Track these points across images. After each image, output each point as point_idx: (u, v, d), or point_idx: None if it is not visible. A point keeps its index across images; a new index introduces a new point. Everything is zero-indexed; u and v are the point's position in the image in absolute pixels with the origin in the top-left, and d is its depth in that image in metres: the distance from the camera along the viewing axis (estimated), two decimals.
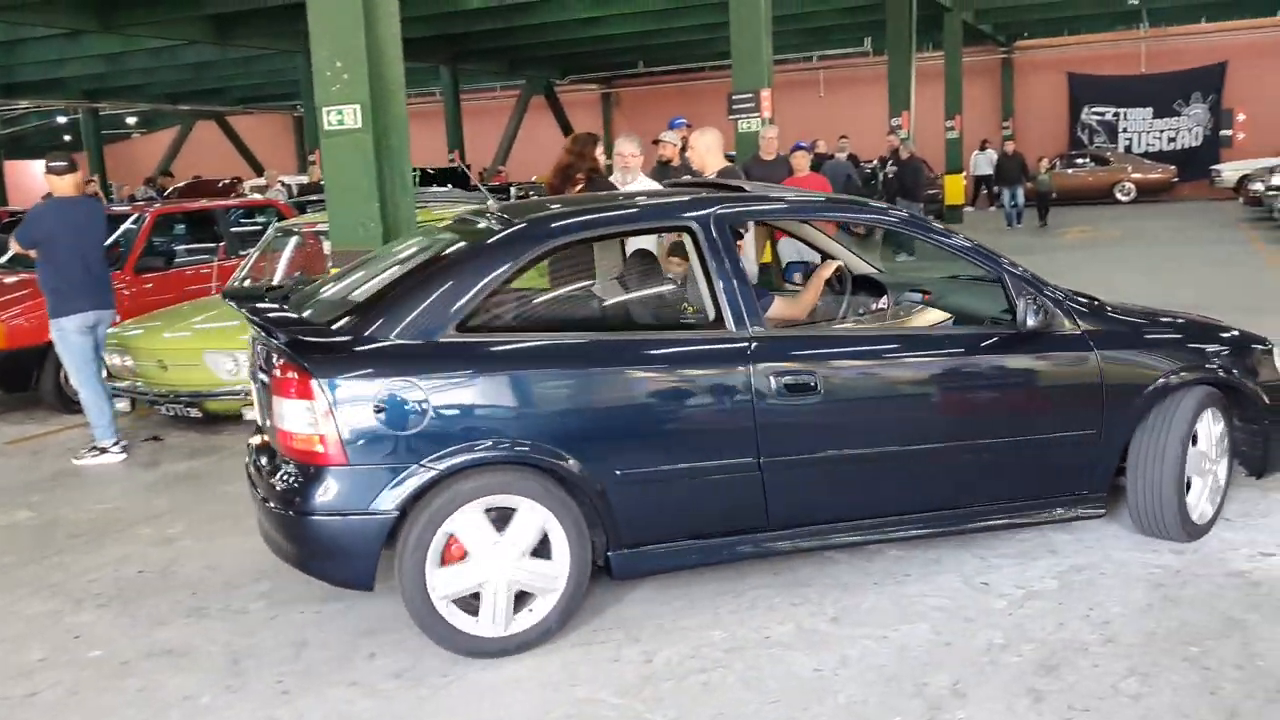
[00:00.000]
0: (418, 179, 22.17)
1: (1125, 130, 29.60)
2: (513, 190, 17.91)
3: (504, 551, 3.66)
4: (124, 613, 4.32)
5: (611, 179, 7.29)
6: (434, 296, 3.70)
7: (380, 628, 4.02)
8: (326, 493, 3.55)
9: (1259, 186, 19.85)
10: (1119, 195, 25.95)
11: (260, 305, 4.24)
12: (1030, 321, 4.10)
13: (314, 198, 12.91)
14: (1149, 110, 29.37)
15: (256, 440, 4.20)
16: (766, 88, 12.17)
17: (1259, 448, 4.70)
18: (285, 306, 4.20)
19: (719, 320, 3.92)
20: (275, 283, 7.93)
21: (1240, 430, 4.67)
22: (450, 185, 18.67)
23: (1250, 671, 3.36)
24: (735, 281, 3.96)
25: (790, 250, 10.21)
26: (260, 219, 11.34)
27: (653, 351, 3.90)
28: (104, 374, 6.92)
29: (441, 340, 3.65)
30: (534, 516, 3.68)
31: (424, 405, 3.55)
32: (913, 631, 3.76)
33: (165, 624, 4.18)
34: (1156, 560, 4.27)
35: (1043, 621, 3.78)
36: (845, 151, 18.53)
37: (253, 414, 6.75)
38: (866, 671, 3.50)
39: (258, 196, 16.39)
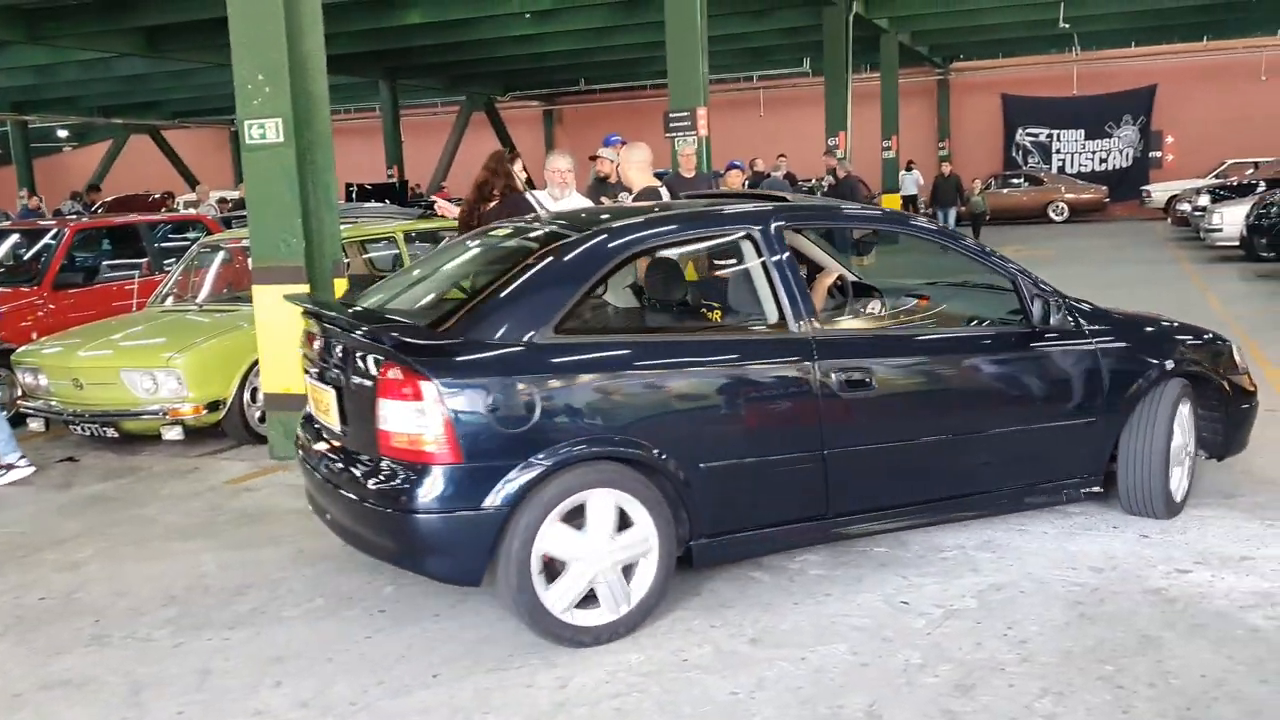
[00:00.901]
0: (354, 194, 22.04)
1: (1058, 151, 30.21)
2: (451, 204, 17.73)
3: (606, 543, 3.82)
4: (21, 642, 4.15)
5: (545, 193, 7.24)
6: (532, 300, 3.88)
7: (289, 654, 3.90)
8: (440, 490, 3.65)
9: (1186, 207, 20.32)
10: (1053, 215, 26.42)
11: (344, 309, 4.40)
12: (1045, 320, 4.56)
13: (243, 213, 12.69)
14: (1081, 132, 30.01)
15: (323, 445, 4.28)
16: (703, 106, 12.19)
17: (1220, 433, 5.18)
18: (362, 311, 4.36)
19: (782, 322, 4.21)
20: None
21: (1203, 418, 5.12)
22: (387, 201, 18.52)
23: (1162, 689, 3.37)
24: (796, 285, 4.27)
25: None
26: (193, 234, 11.14)
27: (729, 350, 4.16)
28: None
29: (541, 342, 3.80)
30: (631, 509, 3.84)
31: (531, 404, 3.71)
32: (831, 652, 3.72)
33: (64, 653, 4.02)
34: (1076, 578, 4.28)
35: (961, 641, 3.76)
36: (782, 170, 18.65)
37: (174, 434, 6.67)
38: (783, 694, 3.45)
39: (193, 211, 16.10)
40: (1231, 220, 16.23)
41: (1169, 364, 4.83)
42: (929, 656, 3.66)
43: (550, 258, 4.04)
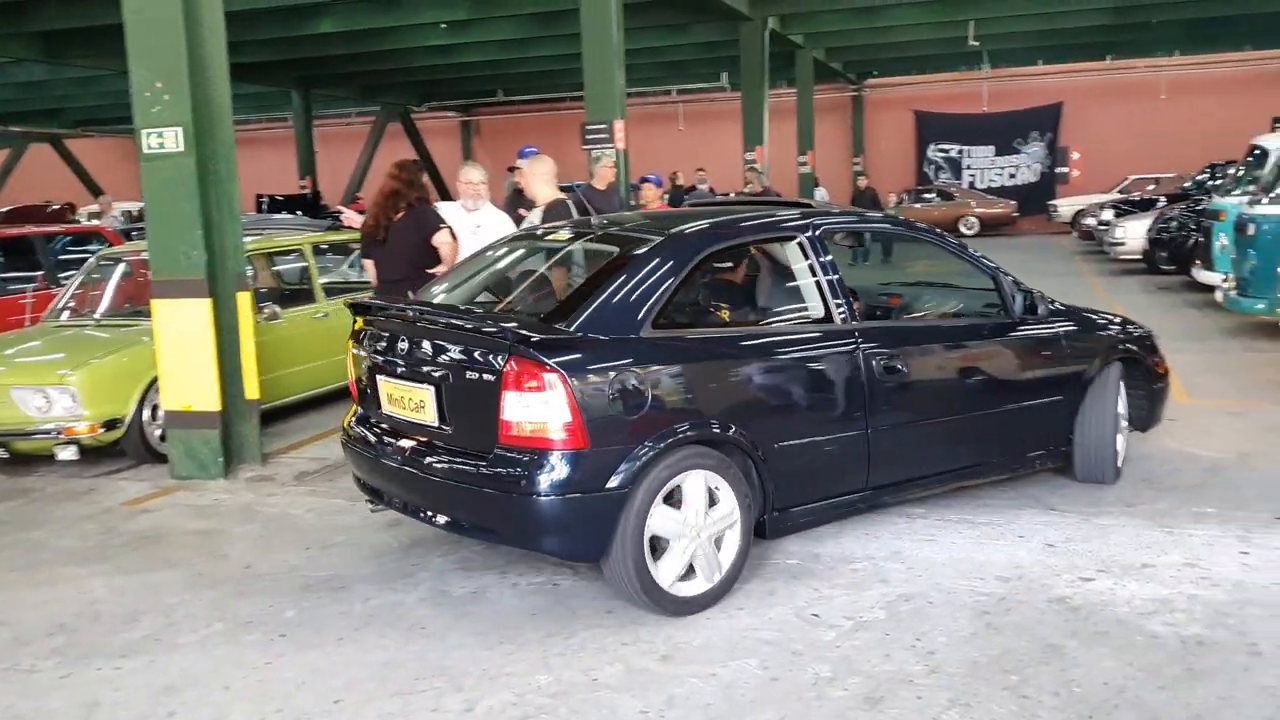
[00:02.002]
0: (264, 206, 21.61)
1: (969, 167, 30.85)
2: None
3: (702, 519, 4.16)
4: None
5: (458, 205, 7.14)
6: (633, 297, 4.20)
7: (184, 683, 3.76)
8: (568, 475, 3.91)
9: (1091, 221, 20.89)
10: (963, 229, 26.96)
11: (440, 308, 4.68)
12: (1022, 312, 5.24)
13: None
14: (991, 148, 30.70)
15: (409, 442, 4.42)
16: (620, 118, 12.19)
17: (1144, 408, 5.90)
18: (463, 309, 4.70)
19: (828, 316, 4.66)
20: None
21: (1132, 395, 5.79)
22: (299, 212, 18.19)
23: (1066, 698, 3.40)
24: (839, 282, 4.73)
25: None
26: (95, 246, 10.80)
27: (793, 342, 4.60)
28: None
29: (645, 336, 4.15)
30: (718, 487, 4.19)
31: (643, 393, 4.04)
32: (742, 667, 3.69)
33: None
34: (983, 588, 4.32)
35: (870, 654, 3.76)
36: (706, 183, 18.76)
37: (68, 454, 6.42)
38: (693, 712, 3.41)
39: (95, 223, 15.64)
40: (1134, 234, 16.72)
41: (1114, 349, 5.56)
42: (839, 670, 3.65)
43: (641, 258, 4.37)
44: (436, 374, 4.26)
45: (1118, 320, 5.88)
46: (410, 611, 4.31)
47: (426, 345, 4.33)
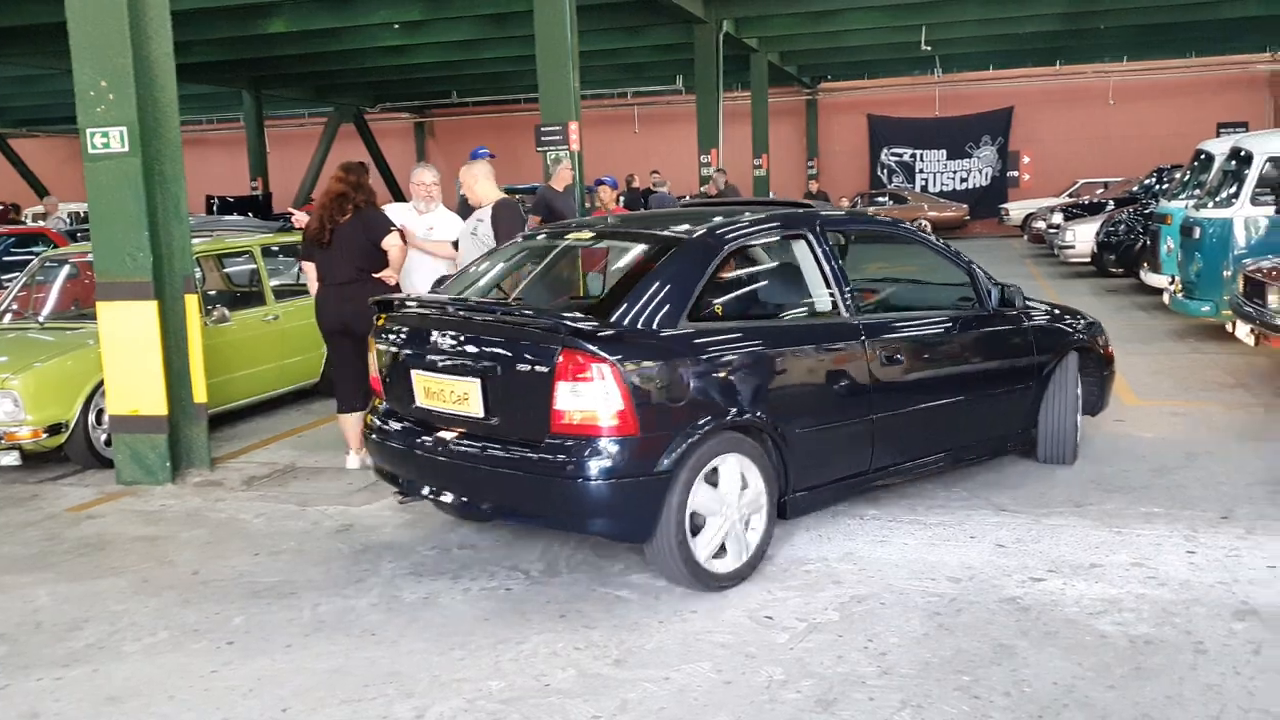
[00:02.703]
0: (215, 207, 21.32)
1: (921, 170, 31.11)
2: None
3: (735, 500, 4.41)
4: None
5: (410, 207, 7.08)
6: (671, 292, 4.42)
7: (127, 693, 3.68)
8: (620, 459, 4.11)
9: (1041, 225, 21.15)
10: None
11: (484, 303, 4.88)
12: (998, 306, 5.62)
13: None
14: (943, 152, 30.98)
15: (449, 434, 4.56)
16: (574, 120, 12.15)
17: (1094, 394, 6.30)
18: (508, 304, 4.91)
19: (835, 309, 4.96)
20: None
21: (1084, 382, 6.13)
22: (250, 214, 17.97)
23: (1016, 698, 3.42)
24: (843, 277, 5.03)
25: (597, 283, 10.25)
26: (40, 247, 10.60)
27: (811, 333, 4.88)
28: None
29: (684, 327, 4.38)
30: (747, 470, 4.43)
31: (686, 381, 4.28)
32: (695, 671, 3.68)
33: None
34: (934, 589, 4.34)
35: (823, 655, 3.76)
36: (665, 186, 18.75)
37: (10, 459, 6.28)
38: (645, 716, 3.39)
39: (40, 224, 15.35)
40: (1083, 237, 16.94)
41: (1072, 338, 6.02)
42: (791, 672, 3.65)
43: (676, 255, 4.61)
44: (483, 367, 4.41)
45: (1071, 312, 6.33)
46: (361, 617, 4.26)
47: (471, 340, 4.48)
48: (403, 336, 4.83)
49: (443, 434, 4.59)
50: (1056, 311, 6.19)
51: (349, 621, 4.21)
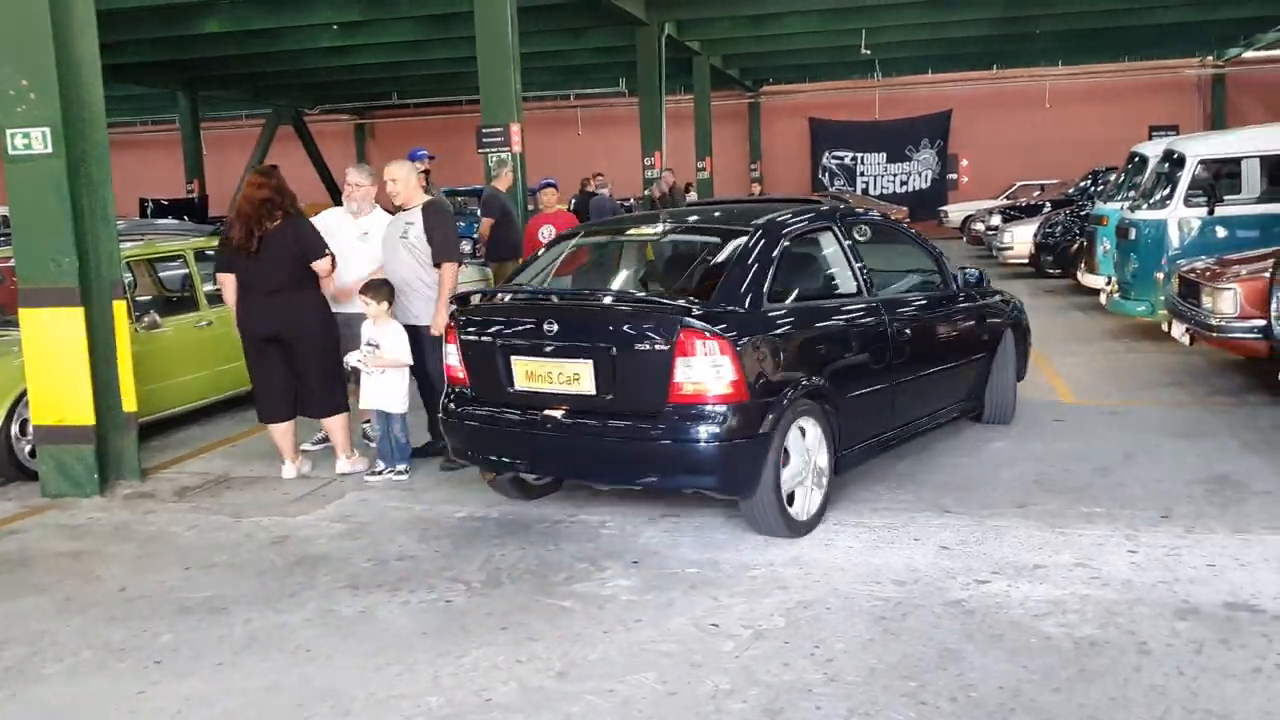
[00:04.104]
0: (149, 210, 20.85)
1: (862, 173, 31.37)
2: None
3: (808, 458, 5.02)
4: None
5: (343, 210, 6.92)
6: (754, 278, 5.03)
7: (46, 718, 3.52)
8: (734, 423, 4.67)
9: (980, 227, 21.41)
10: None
11: (595, 292, 5.43)
12: (969, 287, 6.54)
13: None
14: (883, 155, 31.26)
15: (556, 411, 4.96)
16: (516, 122, 12.05)
17: (1021, 363, 7.23)
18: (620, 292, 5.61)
19: (859, 291, 5.68)
20: None
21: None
22: (185, 217, 17.60)
23: (963, 703, 3.40)
24: (863, 262, 5.76)
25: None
26: None
27: (854, 311, 5.60)
28: None
29: (765, 308, 5.00)
30: (815, 431, 5.05)
31: (778, 353, 4.94)
32: (640, 682, 3.61)
33: None
34: (880, 592, 4.31)
35: (769, 663, 3.71)
36: (606, 188, 18.68)
37: None
38: None
39: None
40: (1021, 239, 17.16)
41: (1010, 314, 7.02)
42: (738, 681, 3.59)
43: (751, 245, 5.18)
44: (597, 348, 4.86)
45: (1007, 293, 7.34)
46: (295, 633, 4.13)
47: (585, 325, 4.98)
48: (499, 326, 5.21)
49: (549, 413, 4.97)
50: (1001, 292, 7.21)
51: (283, 637, 4.09)
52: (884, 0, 18.53)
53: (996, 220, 19.97)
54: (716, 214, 6.22)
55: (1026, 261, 16.78)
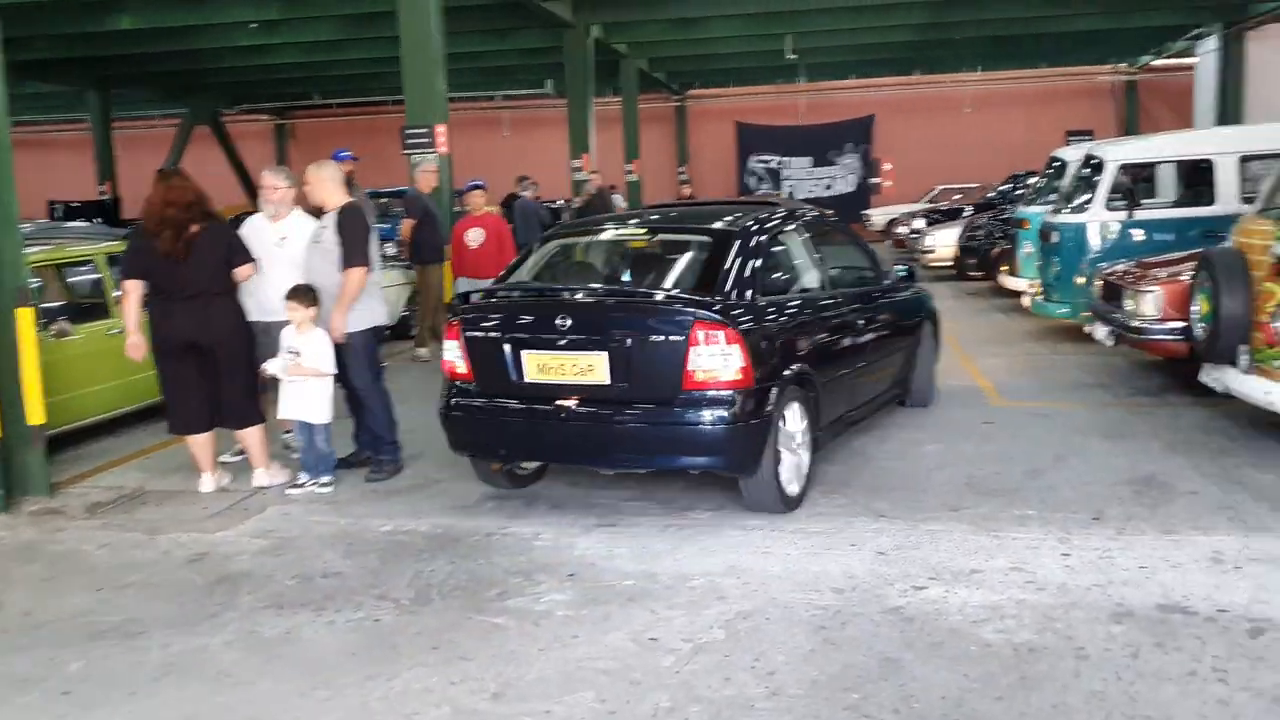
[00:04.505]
0: (58, 213, 20.17)
1: (788, 177, 31.59)
2: None
3: (795, 438, 5.42)
4: None
5: (261, 216, 6.69)
6: (749, 274, 5.41)
7: None
8: (743, 406, 5.04)
9: (904, 230, 21.67)
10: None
11: (605, 288, 5.78)
12: (901, 281, 7.19)
13: None
14: (808, 159, 31.53)
15: (569, 401, 5.18)
16: (442, 123, 11.86)
17: (935, 350, 7.86)
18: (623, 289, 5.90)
19: (823, 286, 6.19)
20: None
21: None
22: (97, 220, 17.05)
23: (906, 714, 3.35)
24: (822, 258, 6.29)
25: (468, 288, 10.07)
26: None
27: (824, 305, 6.11)
28: None
29: (760, 301, 5.39)
30: (801, 413, 5.46)
31: (774, 342, 5.36)
32: (578, 701, 3.51)
33: None
34: (819, 600, 4.26)
35: (710, 678, 3.63)
36: (529, 191, 18.51)
37: None
38: None
39: None
40: (944, 242, 17.39)
41: (930, 305, 7.70)
42: (678, 698, 3.51)
43: (742, 244, 5.53)
44: (611, 340, 5.13)
45: (920, 287, 7.86)
46: (215, 657, 3.95)
47: (600, 318, 5.26)
48: (508, 322, 5.44)
49: (562, 402, 5.20)
50: (920, 286, 7.85)
51: (202, 662, 3.91)
52: (809, 5, 18.65)
53: (920, 224, 20.24)
54: (697, 215, 6.50)
55: (950, 264, 17.00)
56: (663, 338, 5.09)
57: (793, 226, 6.21)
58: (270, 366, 6.05)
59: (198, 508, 5.88)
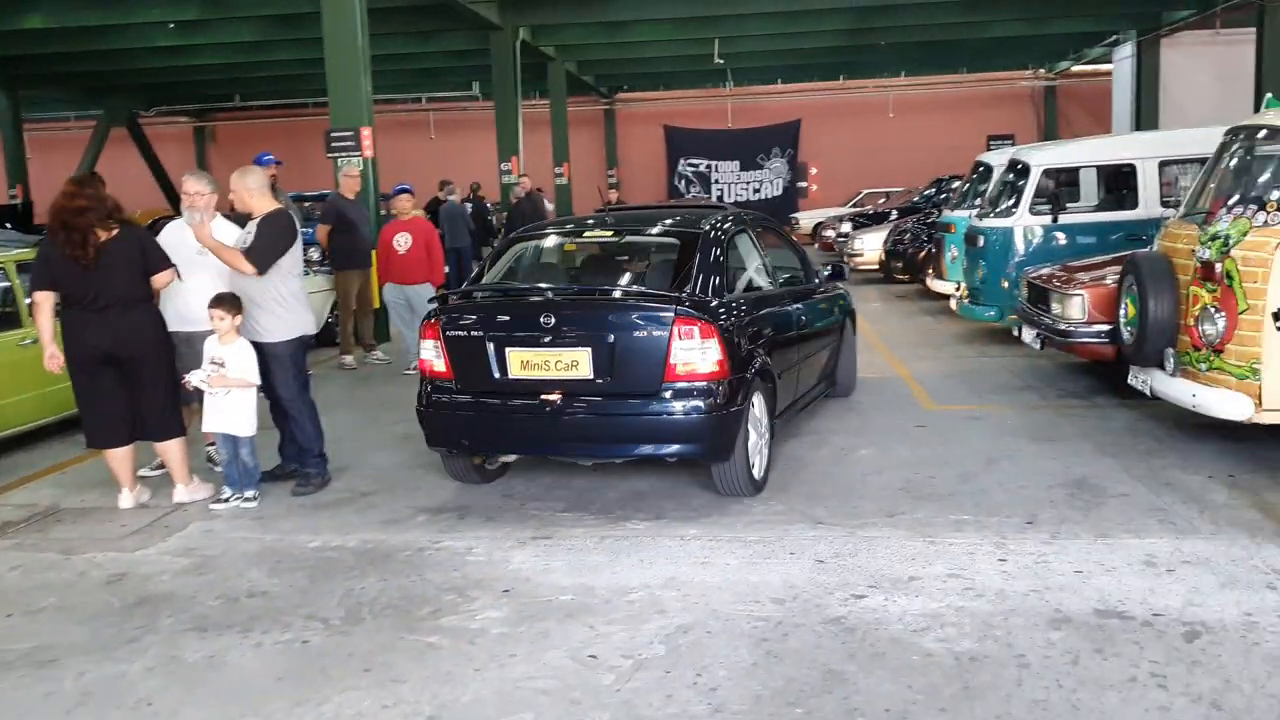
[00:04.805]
0: None
1: (717, 181, 31.76)
2: None
3: (759, 422, 5.80)
4: None
5: (182, 221, 6.47)
6: (717, 272, 5.77)
7: None
8: (720, 397, 5.38)
9: (831, 234, 21.85)
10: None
11: (587, 288, 6.10)
12: (821, 282, 7.64)
13: None
14: (736, 163, 31.74)
15: (553, 395, 5.44)
16: (367, 126, 11.66)
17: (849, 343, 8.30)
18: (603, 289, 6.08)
19: (772, 283, 6.69)
20: None
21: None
22: (8, 225, 16.45)
23: None
24: (768, 259, 6.84)
25: (395, 294, 9.92)
26: None
27: (783, 299, 6.70)
28: None
29: (728, 298, 5.77)
30: (763, 402, 5.84)
31: (745, 336, 5.72)
32: None
33: None
34: (760, 612, 4.21)
35: (651, 696, 3.56)
36: (454, 195, 18.30)
37: None
38: None
39: None
40: (871, 246, 17.56)
41: (849, 304, 8.20)
42: (619, 717, 3.42)
43: (706, 246, 5.88)
44: (594, 336, 5.39)
45: (840, 285, 8.30)
46: (135, 685, 3.77)
47: (583, 316, 5.52)
48: (490, 320, 5.64)
49: (546, 397, 5.43)
50: (843, 285, 8.42)
51: (121, 691, 3.73)
52: (736, 10, 18.74)
53: (847, 228, 20.41)
54: (659, 218, 6.63)
55: (876, 268, 17.16)
56: (645, 333, 5.38)
57: (744, 228, 6.55)
58: (193, 378, 5.85)
59: (116, 525, 5.66)
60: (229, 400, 5.83)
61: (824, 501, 5.59)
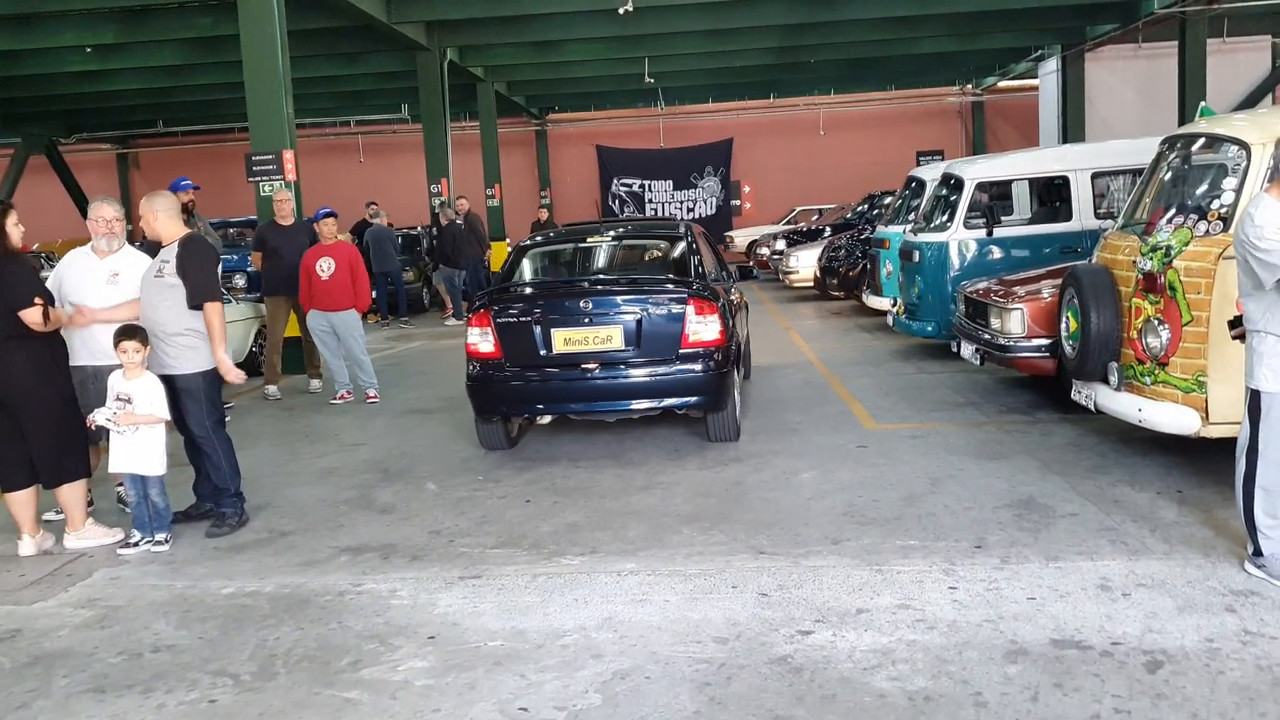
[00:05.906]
0: None
1: (651, 200, 31.61)
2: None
3: (737, 383, 7.44)
4: None
5: (90, 247, 6.12)
6: (703, 262, 7.61)
7: None
8: (722, 360, 6.96)
9: (765, 251, 21.80)
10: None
11: (612, 278, 7.71)
12: (735, 277, 9.16)
13: None
14: (670, 182, 31.61)
15: (592, 365, 6.90)
16: (289, 149, 11.31)
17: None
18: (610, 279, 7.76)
19: (725, 275, 8.56)
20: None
21: None
22: None
23: None
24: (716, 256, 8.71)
25: (319, 321, 9.59)
26: None
27: (728, 287, 8.28)
28: None
29: (713, 282, 7.48)
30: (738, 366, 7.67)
31: (731, 312, 7.50)
32: None
33: None
34: (701, 653, 3.97)
35: None
36: (380, 218, 17.93)
37: None
38: None
39: None
40: (806, 263, 17.51)
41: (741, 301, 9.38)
42: None
43: (690, 242, 7.74)
44: (624, 316, 6.91)
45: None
46: None
47: (616, 300, 6.98)
48: (537, 307, 7.00)
49: (585, 366, 6.89)
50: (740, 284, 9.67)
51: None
52: (666, 29, 18.61)
53: (781, 245, 20.37)
54: (642, 226, 9.05)
55: (811, 285, 17.11)
56: (666, 311, 6.94)
57: (702, 232, 8.39)
58: (98, 416, 5.49)
59: (14, 575, 5.28)
60: (137, 438, 5.49)
61: (766, 529, 5.38)
